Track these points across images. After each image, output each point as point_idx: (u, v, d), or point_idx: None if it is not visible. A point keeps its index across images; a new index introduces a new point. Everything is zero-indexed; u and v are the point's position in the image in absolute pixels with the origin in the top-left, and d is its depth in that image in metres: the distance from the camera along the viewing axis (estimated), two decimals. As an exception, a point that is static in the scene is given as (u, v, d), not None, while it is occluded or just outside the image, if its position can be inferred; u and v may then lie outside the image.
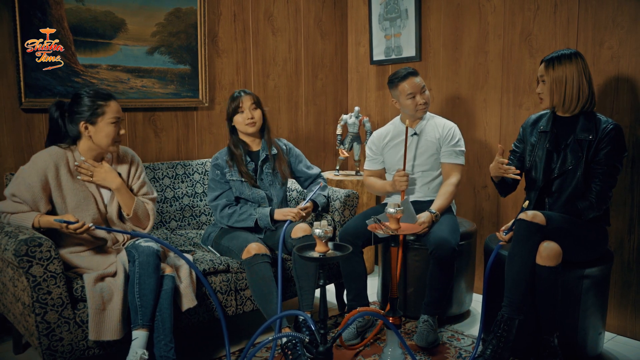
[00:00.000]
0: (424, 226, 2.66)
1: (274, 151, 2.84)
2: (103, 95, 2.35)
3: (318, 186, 2.90)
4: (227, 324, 2.31)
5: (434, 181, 2.90)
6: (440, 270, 2.58)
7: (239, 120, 2.76)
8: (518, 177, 2.47)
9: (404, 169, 2.77)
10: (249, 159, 2.79)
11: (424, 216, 2.70)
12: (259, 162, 2.80)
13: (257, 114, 2.77)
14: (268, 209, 2.70)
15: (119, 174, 2.43)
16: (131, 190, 2.46)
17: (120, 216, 2.42)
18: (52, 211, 2.31)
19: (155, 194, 2.56)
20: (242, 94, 2.79)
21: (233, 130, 2.82)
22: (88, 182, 2.35)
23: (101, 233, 2.37)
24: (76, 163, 2.33)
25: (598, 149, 2.30)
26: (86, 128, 2.32)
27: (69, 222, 2.17)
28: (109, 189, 2.39)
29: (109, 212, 2.39)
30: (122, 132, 2.37)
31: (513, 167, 2.43)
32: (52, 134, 2.38)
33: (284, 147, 2.93)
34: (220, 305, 2.49)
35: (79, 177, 2.34)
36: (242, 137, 2.83)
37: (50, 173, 2.27)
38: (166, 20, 3.17)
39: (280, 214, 2.70)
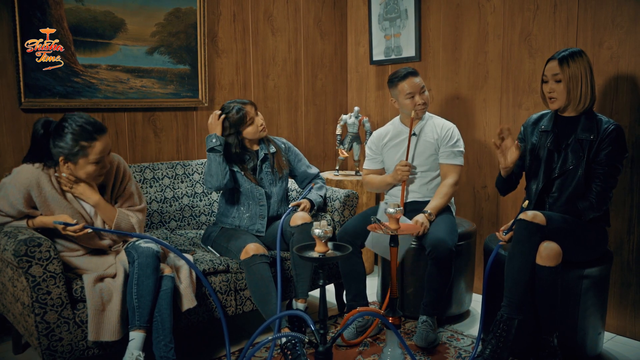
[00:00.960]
0: (424, 226, 2.66)
1: (273, 149, 2.85)
2: (88, 133, 2.17)
3: (310, 186, 2.93)
4: (227, 324, 2.30)
5: (432, 182, 2.90)
6: (437, 271, 2.58)
7: (250, 131, 2.76)
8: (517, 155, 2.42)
9: (406, 159, 2.78)
10: (248, 157, 2.80)
11: (419, 217, 2.71)
12: (258, 162, 2.80)
13: (261, 117, 2.80)
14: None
15: (103, 185, 2.36)
16: (116, 200, 2.40)
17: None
18: None
19: (144, 204, 2.46)
20: (244, 105, 2.75)
21: (238, 140, 2.79)
22: (71, 198, 2.29)
23: (99, 242, 2.34)
24: (56, 175, 2.24)
25: (599, 149, 2.30)
26: (65, 163, 2.20)
27: (67, 224, 2.16)
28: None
29: (97, 225, 2.35)
30: (104, 168, 2.25)
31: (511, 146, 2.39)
32: (33, 149, 2.25)
33: (282, 145, 2.93)
34: (221, 304, 2.49)
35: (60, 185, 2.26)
36: (245, 142, 2.83)
37: (34, 191, 2.21)
38: (166, 20, 3.17)
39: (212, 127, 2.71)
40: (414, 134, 2.89)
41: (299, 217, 2.63)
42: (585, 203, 2.31)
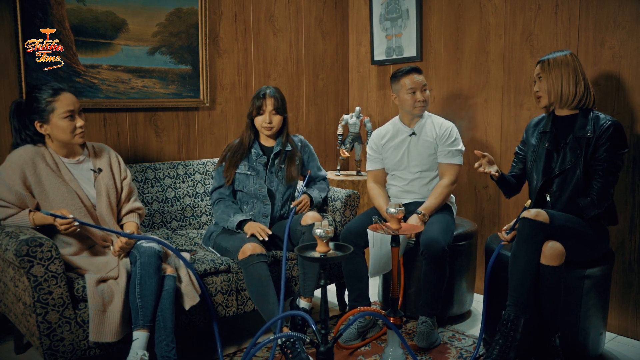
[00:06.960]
0: (422, 227, 2.67)
1: (288, 147, 2.85)
2: (53, 90, 2.29)
3: (303, 183, 2.93)
4: (229, 324, 2.31)
5: (432, 182, 2.90)
6: (432, 270, 2.58)
7: (258, 120, 2.77)
8: (496, 174, 2.52)
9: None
10: (261, 153, 2.80)
11: (412, 219, 2.71)
12: (272, 155, 2.80)
13: (276, 119, 2.78)
14: (239, 219, 2.66)
15: (100, 169, 2.41)
16: (121, 188, 2.45)
17: (111, 213, 2.39)
18: (38, 206, 2.28)
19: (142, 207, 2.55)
20: (267, 95, 2.75)
21: (252, 125, 2.83)
22: (69, 178, 2.32)
23: (85, 233, 2.33)
24: (50, 151, 2.29)
25: (597, 145, 2.30)
26: (41, 126, 2.28)
27: (55, 215, 2.14)
28: (93, 186, 2.38)
29: (99, 209, 2.37)
30: (79, 123, 2.31)
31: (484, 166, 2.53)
32: (17, 134, 2.33)
33: (299, 143, 2.93)
34: (214, 307, 2.48)
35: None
36: (260, 138, 2.86)
37: (28, 169, 2.24)
38: (167, 21, 3.17)
39: (249, 227, 2.63)
40: (414, 134, 2.89)
41: (310, 217, 2.63)
42: (586, 200, 2.31)
